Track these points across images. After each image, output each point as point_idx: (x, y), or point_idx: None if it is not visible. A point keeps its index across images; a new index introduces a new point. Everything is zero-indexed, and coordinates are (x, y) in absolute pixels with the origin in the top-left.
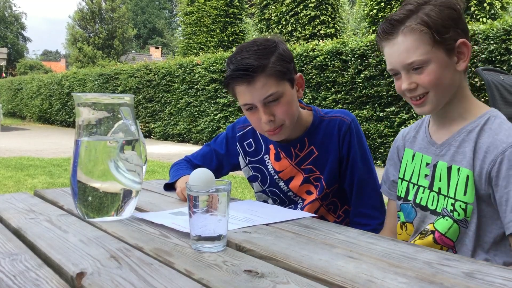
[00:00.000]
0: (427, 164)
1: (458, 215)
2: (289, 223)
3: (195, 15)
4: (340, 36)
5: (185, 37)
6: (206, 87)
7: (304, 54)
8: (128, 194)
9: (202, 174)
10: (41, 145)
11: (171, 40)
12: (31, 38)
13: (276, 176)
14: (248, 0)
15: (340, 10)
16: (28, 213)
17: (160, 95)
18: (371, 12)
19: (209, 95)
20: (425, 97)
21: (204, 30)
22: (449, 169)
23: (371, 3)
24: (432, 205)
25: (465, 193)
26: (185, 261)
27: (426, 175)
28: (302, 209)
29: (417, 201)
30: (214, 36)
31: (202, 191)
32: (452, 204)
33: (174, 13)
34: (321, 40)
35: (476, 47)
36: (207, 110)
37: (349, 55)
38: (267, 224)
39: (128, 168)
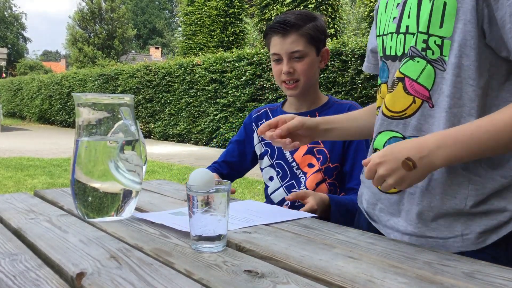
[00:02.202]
0: (398, 4)
1: (433, 53)
2: (289, 223)
3: (195, 15)
4: (340, 36)
5: (185, 37)
6: (206, 87)
7: None
8: (128, 194)
9: (202, 174)
10: (41, 145)
11: (171, 40)
12: (31, 38)
13: None
14: (248, 0)
15: (340, 10)
16: (28, 213)
17: (160, 96)
18: (371, 13)
19: (209, 95)
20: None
21: (204, 30)
22: (419, 3)
23: (371, 3)
24: (399, 50)
25: (441, 26)
26: (185, 261)
27: (394, 18)
28: (305, 182)
29: (387, 52)
30: (214, 37)
31: (202, 191)
32: (425, 41)
33: (174, 13)
34: None
35: None
36: (207, 111)
37: (349, 56)
38: (267, 224)
39: (128, 168)
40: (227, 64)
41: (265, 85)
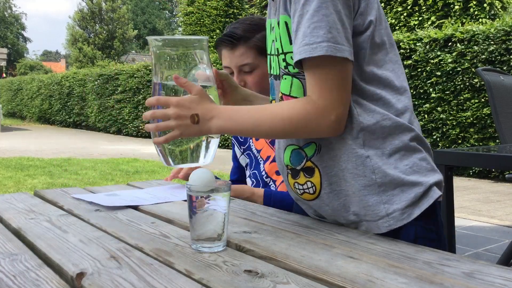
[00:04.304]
0: (272, 28)
1: (293, 68)
2: (289, 223)
3: (195, 15)
4: None
5: None
6: None
7: None
8: (210, 137)
9: (202, 174)
10: (41, 145)
11: None
12: (31, 38)
13: (258, 156)
14: (248, 0)
15: None
16: (28, 213)
17: None
18: None
19: None
20: None
21: (204, 30)
22: (278, 23)
23: None
24: (276, 71)
25: (290, 42)
26: (185, 261)
27: (273, 41)
28: (276, 189)
29: (271, 71)
30: (214, 37)
31: (202, 191)
32: (284, 60)
33: (174, 13)
34: None
35: (476, 48)
36: None
37: None
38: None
39: None
40: None
41: None
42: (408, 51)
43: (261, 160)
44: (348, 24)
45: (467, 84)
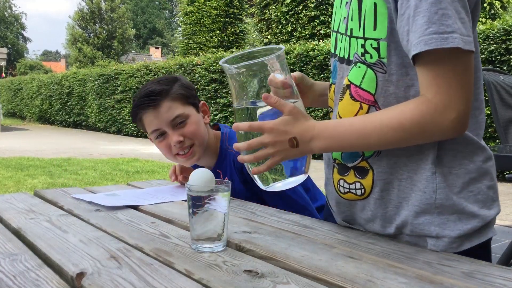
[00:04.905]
0: (346, 3)
1: (371, 57)
2: (289, 223)
3: (195, 15)
4: None
5: (185, 37)
6: (206, 87)
7: (304, 54)
8: None
9: (202, 174)
10: (41, 145)
11: (171, 40)
12: (31, 38)
13: None
14: (248, 0)
15: None
16: (28, 213)
17: None
18: None
19: (209, 95)
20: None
21: (204, 30)
22: (359, 1)
23: None
24: (346, 53)
25: (374, 28)
26: (185, 261)
27: (344, 18)
28: None
29: (338, 53)
30: (214, 36)
31: (202, 191)
32: (362, 46)
33: (174, 13)
34: (321, 40)
35: None
36: None
37: None
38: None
39: None
40: None
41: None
42: None
43: None
44: (468, 12)
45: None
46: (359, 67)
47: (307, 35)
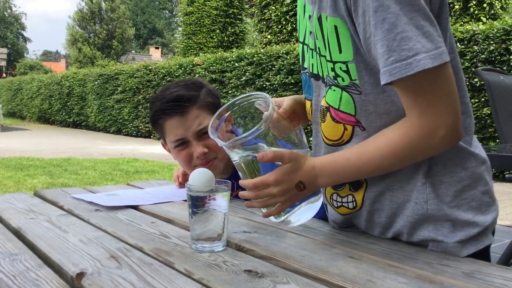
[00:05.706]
0: (310, 16)
1: (343, 80)
2: None
3: (195, 15)
4: None
5: (185, 37)
6: None
7: None
8: None
9: (202, 174)
10: (41, 145)
11: (171, 40)
12: (31, 38)
13: None
14: (248, 0)
15: None
16: (28, 213)
17: None
18: None
19: None
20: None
21: (204, 30)
22: (319, 20)
23: None
24: (320, 72)
25: (340, 51)
26: (185, 261)
27: (310, 32)
28: None
29: (309, 68)
30: (214, 37)
31: (202, 191)
32: (332, 69)
33: (174, 13)
34: None
35: (476, 47)
36: None
37: None
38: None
39: None
40: (227, 64)
41: (265, 85)
42: None
43: None
44: (433, 20)
45: (467, 83)
46: (334, 90)
47: None
